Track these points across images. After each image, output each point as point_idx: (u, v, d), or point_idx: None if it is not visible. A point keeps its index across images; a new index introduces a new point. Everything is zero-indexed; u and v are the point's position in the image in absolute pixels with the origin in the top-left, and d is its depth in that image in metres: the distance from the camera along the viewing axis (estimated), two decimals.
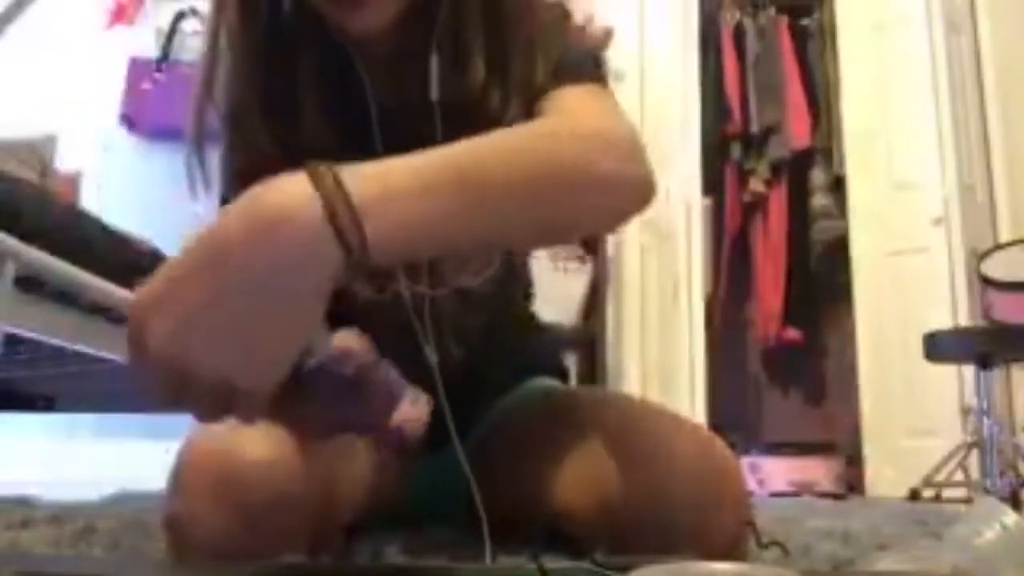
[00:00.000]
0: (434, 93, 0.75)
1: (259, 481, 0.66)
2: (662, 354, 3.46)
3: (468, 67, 0.75)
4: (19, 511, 1.18)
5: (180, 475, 0.69)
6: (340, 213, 0.48)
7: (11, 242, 1.48)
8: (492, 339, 0.88)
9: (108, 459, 3.03)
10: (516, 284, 0.96)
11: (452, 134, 0.57)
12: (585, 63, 0.79)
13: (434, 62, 0.76)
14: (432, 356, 0.70)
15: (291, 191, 0.49)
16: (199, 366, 0.47)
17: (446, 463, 0.74)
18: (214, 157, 0.79)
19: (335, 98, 0.78)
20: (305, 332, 0.51)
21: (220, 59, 0.77)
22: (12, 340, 1.59)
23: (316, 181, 0.49)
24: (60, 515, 1.11)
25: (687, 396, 3.37)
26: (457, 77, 0.75)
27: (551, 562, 0.56)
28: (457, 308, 0.83)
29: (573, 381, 3.14)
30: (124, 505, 1.35)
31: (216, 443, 0.69)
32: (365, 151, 0.75)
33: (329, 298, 0.51)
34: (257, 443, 0.67)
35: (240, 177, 0.85)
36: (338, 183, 0.49)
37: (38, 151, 2.64)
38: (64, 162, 3.19)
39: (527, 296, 1.03)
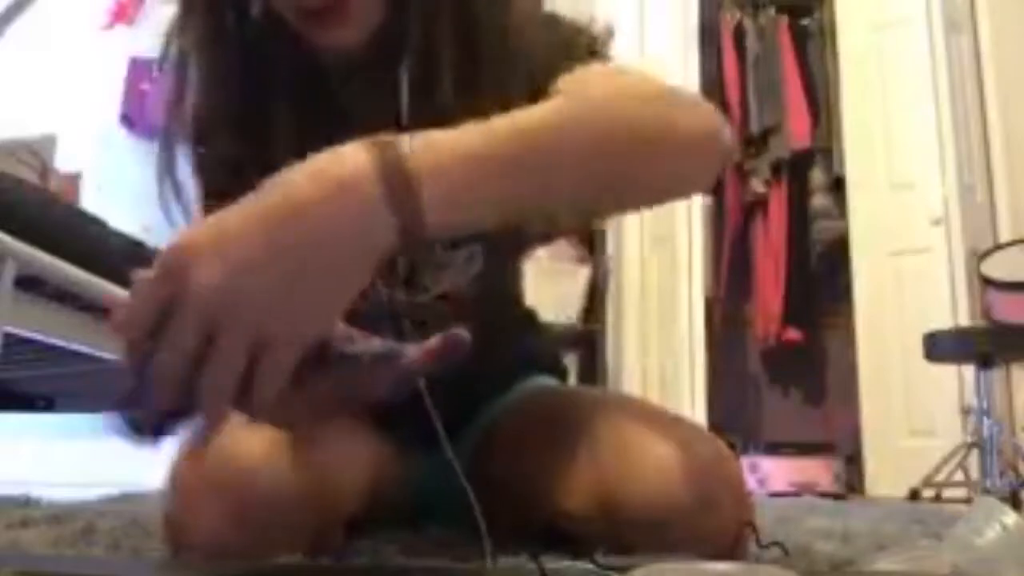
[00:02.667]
0: (403, 107, 0.75)
1: (256, 480, 0.66)
2: (662, 354, 3.46)
3: (437, 83, 0.74)
4: (19, 511, 1.18)
5: (177, 475, 0.69)
6: (396, 182, 0.49)
7: (11, 242, 1.48)
8: (483, 341, 0.89)
9: (108, 459, 3.03)
10: (505, 285, 0.95)
11: None
12: (585, 47, 0.80)
13: (404, 77, 0.76)
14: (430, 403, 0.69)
15: (354, 159, 0.49)
16: (242, 313, 0.46)
17: (446, 462, 0.75)
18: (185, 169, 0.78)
19: (305, 110, 0.78)
20: (348, 300, 0.51)
21: (189, 71, 0.76)
22: (12, 340, 1.59)
23: (375, 151, 0.50)
24: (60, 515, 1.11)
25: (687, 396, 3.37)
26: (426, 92, 0.74)
27: (551, 562, 0.56)
28: (441, 313, 0.83)
29: (573, 380, 3.14)
30: (124, 505, 1.35)
31: (213, 442, 0.69)
32: None
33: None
34: (254, 442, 0.67)
35: (209, 191, 0.85)
36: (398, 154, 0.50)
37: (38, 151, 2.64)
38: (64, 162, 3.19)
39: (518, 295, 1.03)
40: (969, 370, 2.94)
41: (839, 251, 3.75)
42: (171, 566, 0.69)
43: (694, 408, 3.34)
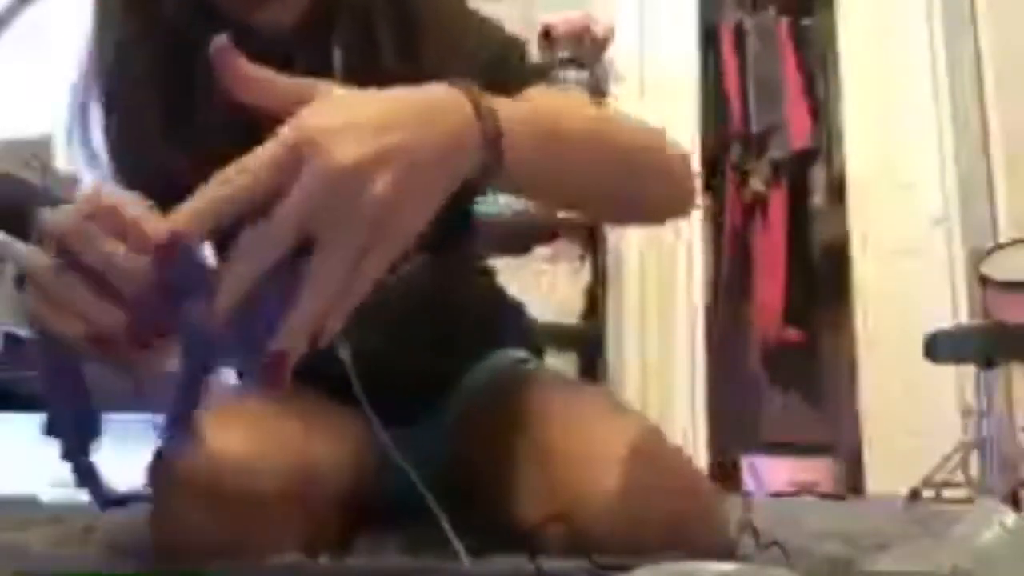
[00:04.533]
0: (338, 74, 0.74)
1: (237, 475, 0.66)
2: (662, 354, 3.46)
3: (378, 57, 0.74)
4: (19, 511, 1.18)
5: (156, 474, 0.68)
6: (488, 120, 0.52)
7: (11, 242, 1.48)
8: (425, 322, 0.88)
9: (108, 459, 3.03)
10: (453, 268, 0.93)
11: None
12: (525, 61, 0.84)
13: (337, 55, 0.75)
14: (346, 353, 0.68)
15: (450, 91, 0.52)
16: (373, 202, 0.44)
17: (420, 446, 0.75)
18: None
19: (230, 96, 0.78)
20: (433, 212, 0.50)
21: (104, 51, 0.76)
22: (12, 340, 1.59)
23: (467, 93, 0.52)
24: (60, 515, 1.11)
25: (687, 396, 3.37)
26: (366, 68, 0.74)
27: (551, 562, 0.56)
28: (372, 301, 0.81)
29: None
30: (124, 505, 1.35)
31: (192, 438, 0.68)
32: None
33: None
34: (233, 437, 0.67)
35: (121, 163, 0.83)
36: (488, 100, 0.53)
37: (38, 151, 2.64)
38: (64, 162, 3.19)
39: (480, 272, 1.02)
40: (969, 370, 2.94)
41: (839, 251, 3.75)
42: (170, 566, 0.69)
43: (694, 408, 3.34)
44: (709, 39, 3.91)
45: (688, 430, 3.33)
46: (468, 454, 0.86)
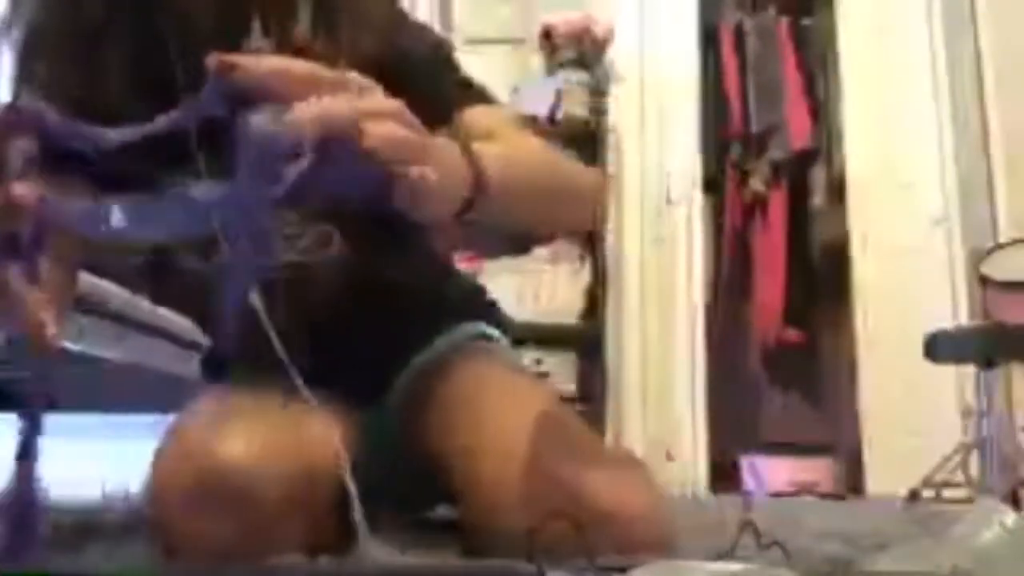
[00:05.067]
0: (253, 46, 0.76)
1: (244, 483, 0.66)
2: (662, 354, 3.46)
3: (292, 27, 0.76)
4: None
5: (157, 475, 0.68)
6: (476, 165, 0.64)
7: None
8: (365, 302, 0.88)
9: (108, 459, 3.03)
10: (391, 248, 0.93)
11: None
12: (470, 81, 0.90)
13: (255, 24, 0.77)
14: (256, 300, 0.69)
15: (449, 143, 0.64)
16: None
17: (381, 430, 0.76)
18: None
19: (146, 74, 0.78)
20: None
21: (15, 26, 0.77)
22: (12, 340, 1.59)
23: (462, 147, 0.64)
24: (60, 515, 1.11)
25: (687, 396, 3.37)
26: (282, 38, 0.76)
27: (550, 563, 0.56)
28: (294, 281, 0.80)
29: (573, 379, 3.14)
30: (124, 505, 1.35)
31: (191, 446, 0.68)
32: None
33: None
34: (239, 444, 0.67)
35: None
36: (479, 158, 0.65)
37: None
38: None
39: (429, 253, 1.02)
40: (969, 370, 2.94)
41: (839, 251, 3.75)
42: (171, 566, 0.69)
43: (694, 408, 3.34)
44: (709, 39, 3.91)
45: (688, 430, 3.33)
46: (411, 442, 0.87)
